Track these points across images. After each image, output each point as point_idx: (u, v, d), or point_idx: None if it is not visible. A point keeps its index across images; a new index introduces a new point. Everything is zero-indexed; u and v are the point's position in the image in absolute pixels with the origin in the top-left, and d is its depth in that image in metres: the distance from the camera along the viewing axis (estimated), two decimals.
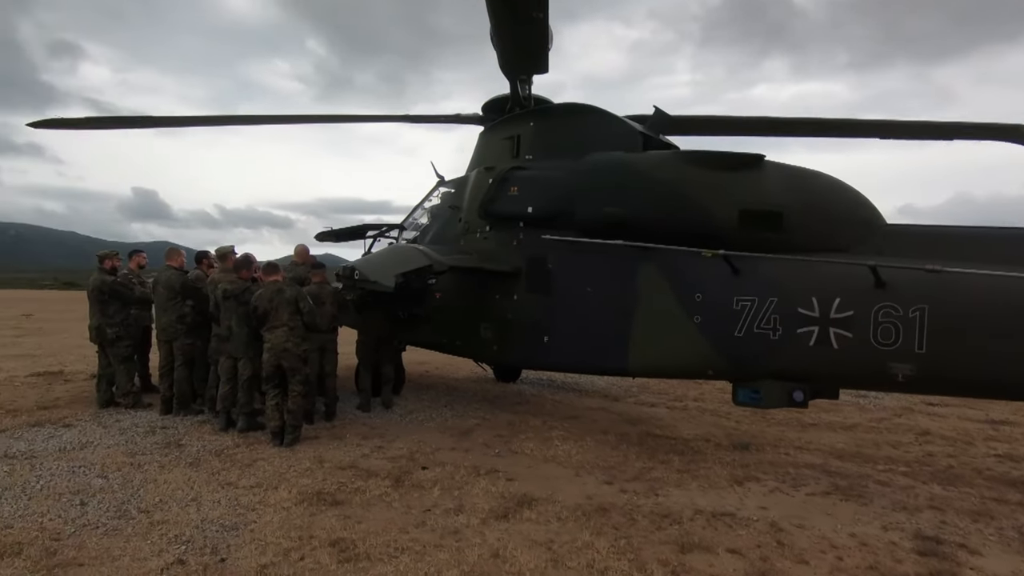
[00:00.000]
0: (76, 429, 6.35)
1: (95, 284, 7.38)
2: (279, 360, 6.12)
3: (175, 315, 7.05)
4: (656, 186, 5.95)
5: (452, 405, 8.25)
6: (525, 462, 5.78)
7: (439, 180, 9.53)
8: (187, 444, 5.93)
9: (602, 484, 5.17)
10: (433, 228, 8.96)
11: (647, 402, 9.02)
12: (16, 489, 4.53)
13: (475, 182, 7.95)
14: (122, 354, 7.41)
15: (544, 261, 6.96)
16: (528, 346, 7.05)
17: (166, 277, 7.08)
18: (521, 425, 7.22)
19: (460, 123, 8.71)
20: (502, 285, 7.25)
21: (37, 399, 7.86)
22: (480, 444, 6.37)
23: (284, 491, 4.74)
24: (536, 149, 7.38)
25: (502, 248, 7.37)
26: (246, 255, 6.91)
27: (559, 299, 6.77)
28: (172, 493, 4.60)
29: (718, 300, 5.55)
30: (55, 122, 8.75)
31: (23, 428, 6.34)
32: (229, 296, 6.47)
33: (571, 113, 7.13)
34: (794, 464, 5.86)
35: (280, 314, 6.13)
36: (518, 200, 7.08)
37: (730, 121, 7.04)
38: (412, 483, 5.04)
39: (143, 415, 7.05)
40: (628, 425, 7.42)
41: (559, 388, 10.07)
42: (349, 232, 10.25)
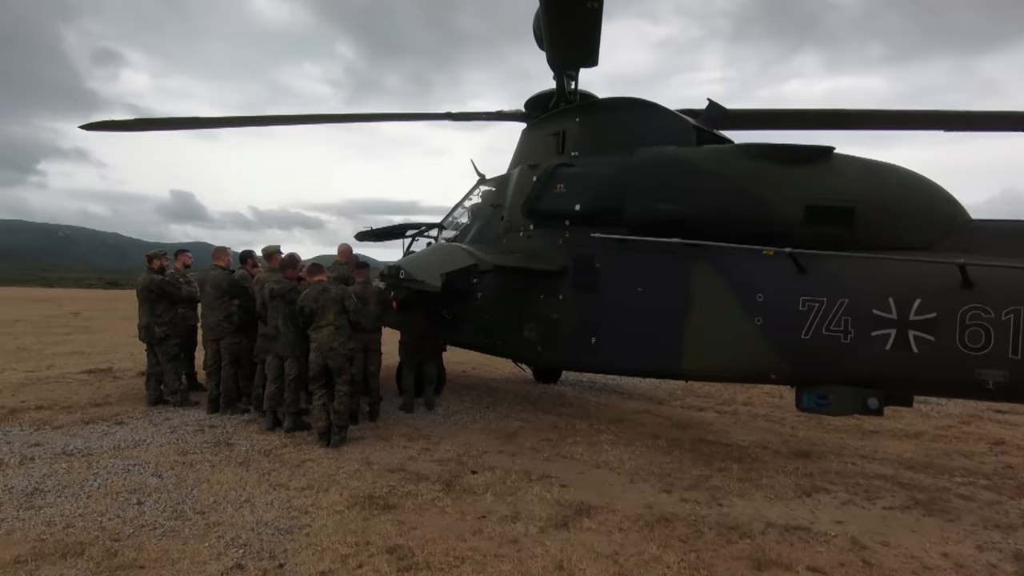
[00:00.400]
0: (128, 427, 6.43)
1: (144, 283, 7.49)
2: (326, 360, 6.08)
3: (222, 314, 7.09)
4: (714, 181, 5.69)
5: (494, 406, 8.12)
6: (576, 467, 5.61)
7: (480, 178, 9.41)
8: (236, 443, 5.93)
9: (660, 492, 4.96)
10: (474, 227, 8.84)
11: (694, 406, 8.73)
12: (75, 487, 4.56)
13: (518, 180, 7.79)
14: (170, 352, 7.50)
15: (591, 260, 6.76)
16: (574, 347, 6.87)
17: (214, 276, 7.13)
18: (567, 428, 7.04)
19: (503, 120, 8.57)
20: (547, 285, 7.08)
21: (89, 396, 8.02)
22: (527, 448, 6.22)
23: (335, 494, 4.67)
24: (582, 145, 7.18)
25: (547, 247, 7.19)
26: (292, 254, 6.89)
27: (608, 299, 6.57)
28: (225, 494, 4.57)
29: (782, 301, 5.28)
30: (105, 124, 8.92)
31: (78, 425, 6.44)
32: (276, 295, 6.46)
33: (620, 107, 6.90)
34: (863, 474, 5.53)
35: (326, 313, 6.09)
36: (564, 198, 6.90)
37: (791, 115, 6.73)
38: (463, 488, 4.92)
39: (191, 413, 7.11)
40: (678, 430, 7.16)
41: (601, 390, 9.84)
42: (388, 231, 10.22)
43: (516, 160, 8.32)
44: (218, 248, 7.34)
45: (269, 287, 6.49)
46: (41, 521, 3.96)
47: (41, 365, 10.88)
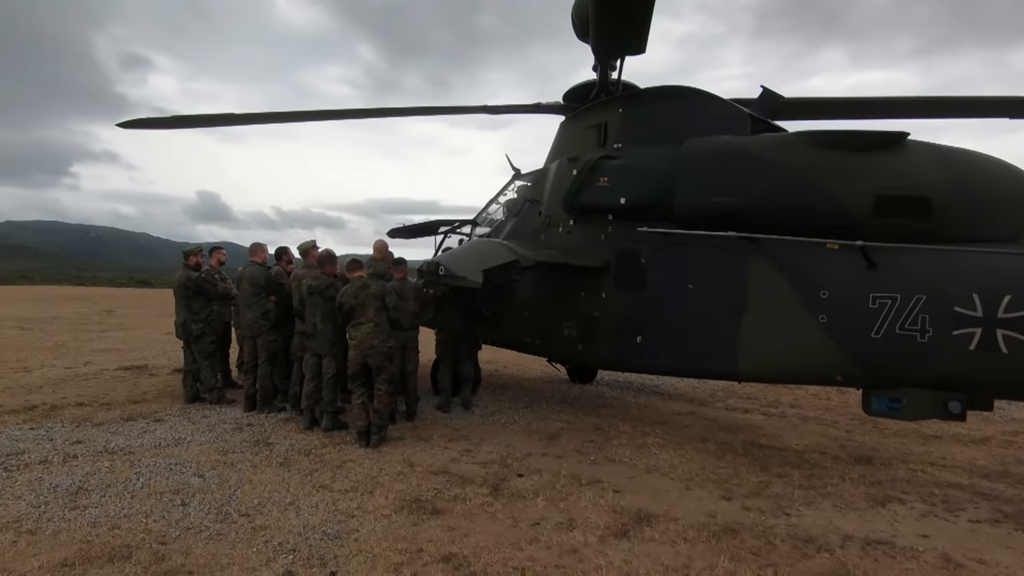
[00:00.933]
0: (167, 424, 6.36)
1: (181, 280, 7.45)
2: (365, 358, 5.93)
3: (259, 311, 7.00)
4: (774, 172, 5.39)
5: (532, 407, 7.91)
6: (626, 471, 5.36)
7: (515, 173, 9.21)
8: (275, 443, 5.81)
9: (719, 500, 4.69)
10: (510, 223, 8.63)
11: (738, 407, 8.41)
12: (119, 486, 4.47)
13: (557, 174, 7.57)
14: (206, 350, 7.45)
15: (636, 255, 6.50)
16: (618, 346, 6.62)
17: (250, 273, 7.04)
18: (610, 430, 6.80)
19: (540, 112, 8.34)
20: (588, 281, 6.84)
21: (127, 393, 8.02)
22: (571, 450, 5.99)
23: (380, 497, 4.50)
24: (626, 136, 6.92)
25: (588, 242, 6.95)
26: (329, 250, 6.76)
27: (654, 296, 6.30)
28: (269, 495, 4.44)
29: (850, 297, 4.95)
30: (140, 122, 8.91)
31: (118, 422, 6.40)
32: (314, 292, 6.34)
33: (667, 96, 6.62)
34: (936, 483, 5.19)
35: (366, 310, 5.94)
36: (608, 191, 6.65)
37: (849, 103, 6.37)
38: (511, 492, 4.71)
39: (228, 411, 7.03)
40: (726, 433, 6.87)
41: (639, 391, 9.57)
42: (421, 228, 10.08)
43: (554, 154, 8.09)
44: (254, 244, 7.25)
45: (307, 283, 6.37)
46: (87, 522, 3.86)
47: (79, 361, 10.98)
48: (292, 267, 7.66)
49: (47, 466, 4.85)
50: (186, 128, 9.12)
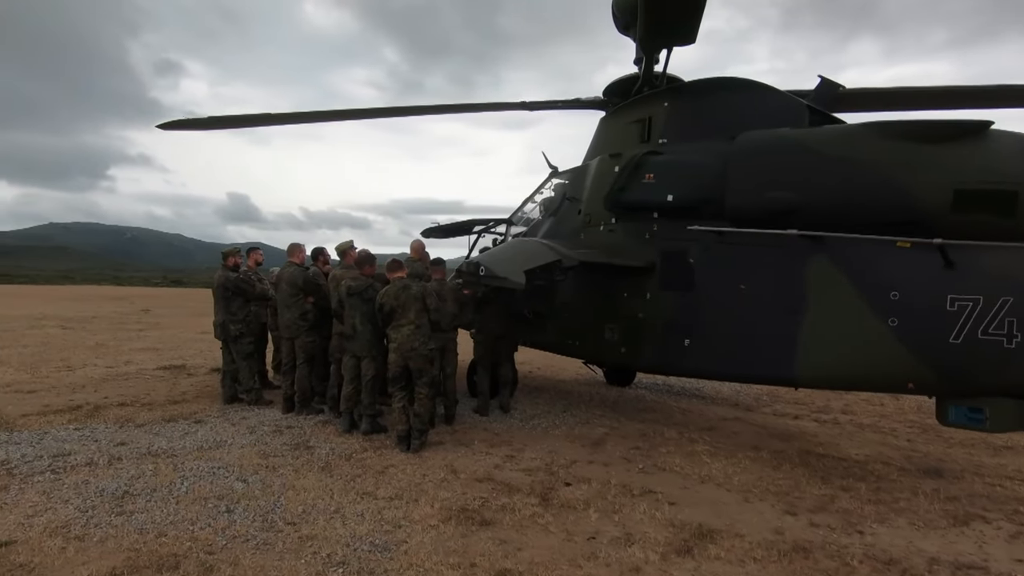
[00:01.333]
0: (207, 426, 6.33)
1: (220, 281, 7.43)
2: (406, 360, 5.79)
3: (297, 312, 6.93)
4: (838, 165, 5.07)
5: (571, 410, 7.70)
6: (678, 481, 5.11)
7: (552, 171, 9.00)
8: (316, 446, 5.72)
9: (783, 514, 4.42)
10: (547, 222, 8.43)
11: (787, 413, 8.06)
12: (163, 490, 4.41)
13: (598, 171, 7.34)
14: (245, 350, 7.43)
15: (684, 255, 6.23)
16: (664, 349, 6.36)
17: (289, 273, 6.98)
18: (656, 436, 6.54)
19: (580, 108, 8.12)
20: (631, 282, 6.60)
21: (167, 393, 8.06)
22: (618, 457, 5.76)
23: (426, 505, 4.35)
24: (672, 131, 6.65)
25: (631, 241, 6.71)
26: (367, 251, 6.65)
27: (704, 298, 6.02)
28: (313, 502, 4.32)
29: (925, 299, 4.62)
30: (180, 123, 8.97)
31: (159, 423, 6.40)
32: (353, 293, 6.23)
33: (717, 89, 6.32)
34: (1019, 499, 4.82)
35: (407, 312, 5.80)
36: (654, 188, 6.39)
37: (913, 93, 5.98)
38: (561, 502, 4.51)
39: (267, 413, 6.99)
40: (778, 441, 6.55)
41: (680, 394, 9.27)
42: (456, 228, 9.95)
43: (594, 150, 7.86)
44: (292, 244, 7.18)
45: (346, 284, 6.27)
46: (133, 528, 3.79)
47: (119, 361, 11.15)
48: (328, 268, 7.61)
49: (93, 468, 4.83)
50: (223, 129, 9.14)
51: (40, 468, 4.80)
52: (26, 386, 8.29)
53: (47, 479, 4.58)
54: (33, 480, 4.54)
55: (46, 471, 4.74)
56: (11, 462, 4.93)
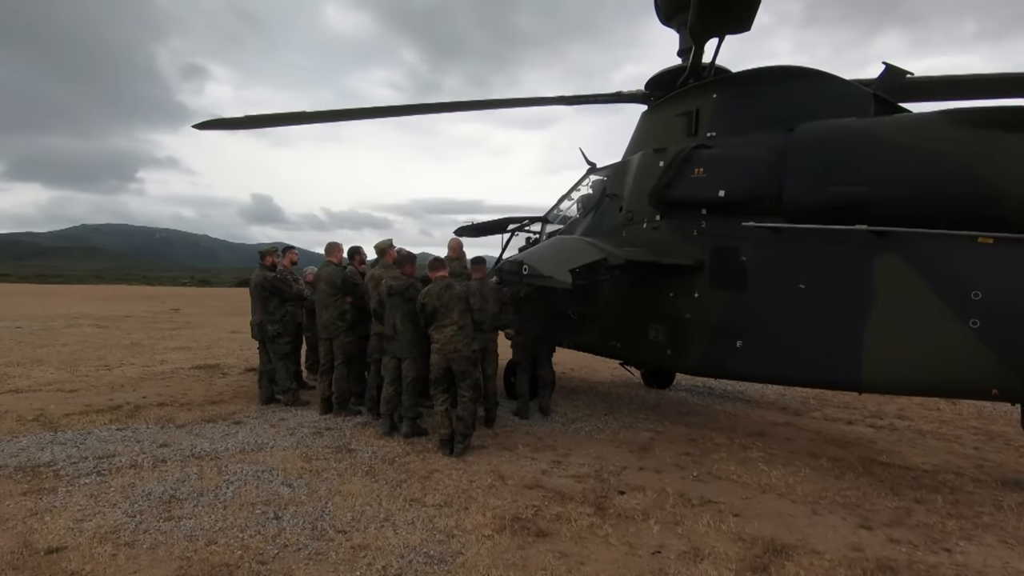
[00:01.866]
0: (247, 427, 6.26)
1: (257, 280, 7.37)
2: (449, 362, 5.64)
3: (336, 312, 6.82)
4: (909, 156, 4.76)
5: (613, 413, 7.47)
6: (737, 491, 4.86)
7: (589, 167, 8.78)
8: (357, 449, 5.60)
9: (858, 528, 4.14)
10: (585, 219, 8.22)
11: (839, 418, 7.71)
12: (210, 495, 4.31)
13: (640, 166, 7.09)
14: (282, 351, 7.36)
15: (736, 253, 5.96)
16: (713, 351, 6.10)
17: (327, 273, 6.88)
18: (705, 442, 6.29)
19: (620, 101, 7.89)
20: (678, 281, 6.36)
21: (204, 393, 8.04)
22: (669, 464, 5.53)
23: (477, 513, 4.17)
24: (721, 124, 6.38)
25: (677, 239, 6.46)
26: (407, 250, 6.51)
27: (758, 297, 5.75)
28: (362, 509, 4.18)
29: (1011, 300, 4.30)
30: (216, 123, 8.95)
31: (199, 424, 6.35)
32: (394, 292, 6.10)
33: (773, 78, 6.03)
34: None
35: (450, 312, 5.64)
36: (704, 183, 6.13)
37: (985, 81, 5.62)
38: (618, 512, 4.30)
39: (305, 414, 6.90)
40: (836, 447, 6.24)
41: (723, 397, 8.97)
42: (490, 226, 9.77)
43: (635, 145, 7.62)
44: (331, 243, 7.08)
45: (387, 284, 6.14)
46: (183, 535, 3.68)
47: (154, 360, 11.24)
48: (364, 267, 7.51)
49: (138, 471, 4.76)
50: (257, 128, 9.09)
51: (86, 470, 4.75)
52: (67, 385, 8.35)
53: (93, 481, 4.52)
54: (79, 482, 4.49)
55: (92, 473, 4.69)
56: (57, 463, 4.90)
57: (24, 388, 8.07)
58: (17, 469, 4.73)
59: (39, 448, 5.30)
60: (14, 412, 6.63)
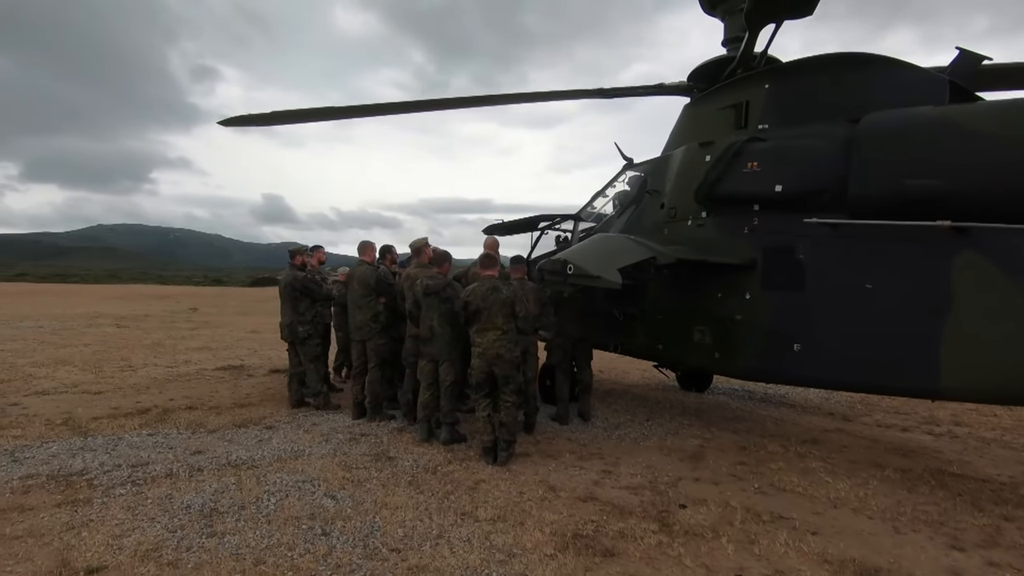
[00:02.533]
0: (280, 433, 6.04)
1: (287, 280, 7.17)
2: (491, 366, 5.37)
3: (370, 313, 6.58)
4: (994, 146, 4.42)
5: (655, 418, 7.17)
6: (806, 505, 4.55)
7: (626, 163, 8.48)
8: (397, 457, 5.35)
9: (949, 549, 3.82)
10: (623, 216, 7.91)
11: (892, 424, 7.36)
12: (252, 508, 4.08)
13: (685, 161, 6.79)
14: (312, 353, 7.14)
15: (792, 251, 5.65)
16: (767, 354, 5.78)
17: (361, 273, 6.64)
18: (757, 450, 5.98)
19: (662, 94, 7.58)
20: (727, 280, 6.05)
21: (231, 395, 7.85)
22: (726, 475, 5.22)
23: (535, 530, 3.91)
24: (774, 115, 6.06)
25: (725, 236, 6.16)
26: (443, 249, 6.26)
27: (819, 298, 5.42)
28: (412, 525, 3.93)
29: None
30: (242, 119, 8.74)
31: (231, 429, 6.14)
32: (431, 292, 5.85)
33: (835, 66, 5.68)
34: None
35: (494, 316, 5.37)
36: (758, 178, 5.82)
37: None
38: (684, 528, 4.01)
39: (338, 418, 6.68)
40: (899, 457, 5.90)
41: (764, 401, 8.64)
42: (520, 224, 9.49)
43: (677, 139, 7.31)
44: (363, 242, 6.84)
45: (423, 283, 5.89)
46: (228, 553, 3.45)
47: (177, 360, 11.10)
48: (395, 266, 7.28)
49: (174, 480, 4.55)
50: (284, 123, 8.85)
51: (120, 479, 4.54)
52: (92, 387, 8.20)
53: (129, 492, 4.30)
54: (115, 493, 4.28)
55: (126, 482, 4.48)
56: (90, 472, 4.69)
57: (50, 390, 7.93)
58: (50, 478, 4.54)
59: (70, 455, 5.11)
60: (42, 416, 6.47)
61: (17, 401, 7.21)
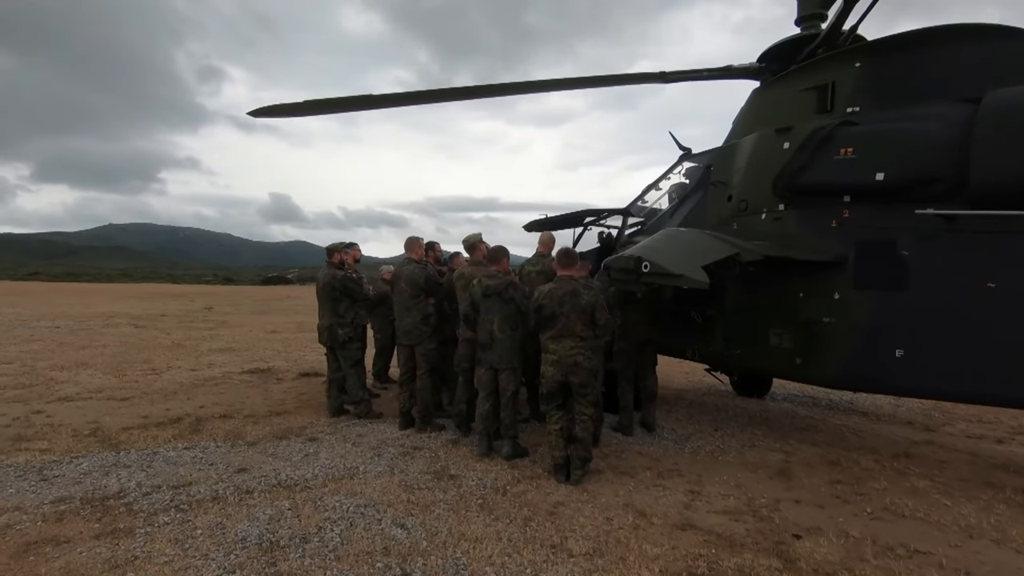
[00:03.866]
0: (326, 446, 5.55)
1: (326, 280, 6.68)
2: (567, 375, 4.84)
3: (419, 316, 6.07)
4: None
5: (723, 429, 6.63)
6: (935, 535, 3.99)
7: (683, 153, 7.93)
8: (459, 476, 4.84)
9: None
10: (682, 210, 7.38)
11: (982, 435, 6.78)
12: (315, 540, 3.58)
13: (758, 149, 6.24)
14: (353, 357, 6.66)
15: (892, 246, 5.09)
16: (863, 362, 5.22)
17: (409, 272, 6.12)
18: (849, 465, 5.43)
19: (729, 77, 7.02)
20: (811, 279, 5.50)
21: (263, 402, 7.38)
22: (826, 495, 4.68)
23: (641, 567, 3.39)
24: (867, 97, 5.50)
25: (808, 230, 5.62)
26: (501, 245, 5.74)
27: (927, 299, 4.87)
28: (501, 561, 3.42)
29: None
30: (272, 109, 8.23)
31: (271, 441, 5.66)
32: (491, 293, 5.34)
33: (944, 40, 5.12)
34: None
35: (571, 323, 4.81)
36: (854, 166, 5.25)
37: None
38: (812, 567, 3.47)
39: (384, 429, 6.19)
40: (1014, 475, 5.33)
41: (831, 408, 8.07)
42: (565, 220, 8.97)
43: (746, 126, 6.76)
44: (411, 238, 6.31)
45: (483, 283, 5.37)
46: None
47: (201, 363, 10.66)
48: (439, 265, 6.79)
49: (222, 506, 4.06)
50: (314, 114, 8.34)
51: (162, 504, 4.06)
52: (117, 392, 7.76)
53: (174, 520, 3.82)
54: (158, 521, 3.79)
55: (169, 508, 3.99)
56: (128, 494, 4.22)
57: (73, 396, 7.49)
58: (84, 501, 4.06)
59: (103, 472, 4.64)
60: (68, 426, 6.02)
61: (41, 408, 6.77)
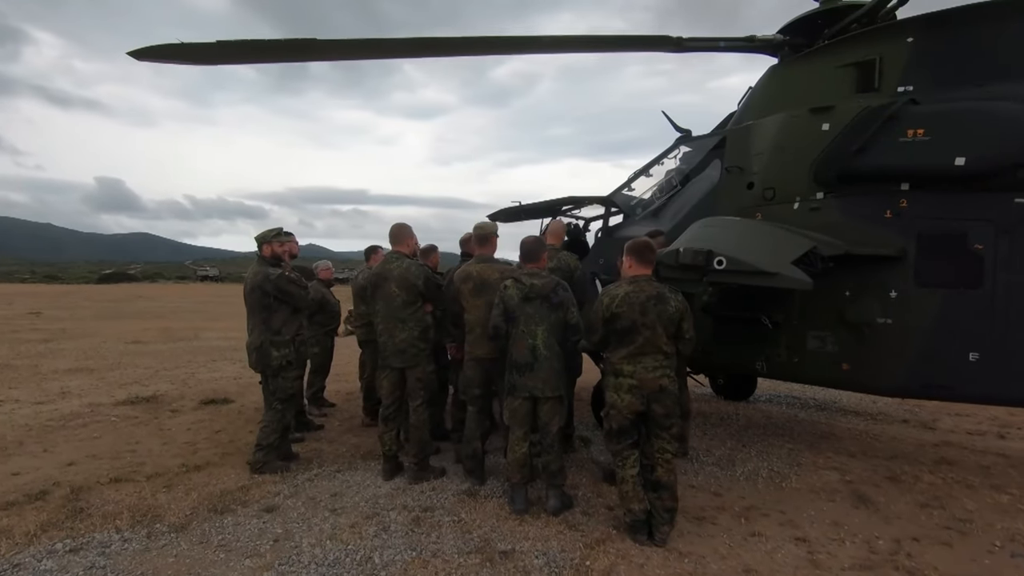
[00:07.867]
0: (298, 523, 3.88)
1: (257, 281, 4.86)
2: (649, 404, 3.69)
3: (416, 329, 4.53)
4: None
5: (750, 445, 5.91)
6: None
7: (680, 135, 7.13)
8: (512, 551, 3.50)
9: None
10: (689, 199, 6.55)
11: (978, 431, 6.75)
12: None
13: (785, 131, 5.57)
14: (285, 391, 4.86)
15: (963, 239, 4.61)
16: (928, 367, 4.70)
17: (401, 271, 4.54)
18: (910, 481, 4.93)
19: (749, 51, 6.28)
20: (862, 276, 4.92)
21: (166, 451, 5.38)
22: (931, 526, 4.04)
23: None
24: (924, 74, 5.01)
25: (855, 221, 5.02)
26: (537, 238, 4.43)
27: (1008, 297, 4.44)
28: None
29: None
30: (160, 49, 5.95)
31: (206, 517, 3.86)
32: (534, 297, 4.04)
33: (1017, 11, 4.71)
34: None
35: (656, 336, 3.67)
36: (925, 149, 4.69)
37: None
38: None
39: (360, 480, 4.60)
40: None
41: (823, 409, 7.77)
42: (540, 209, 7.79)
43: (764, 106, 6.06)
44: (398, 226, 4.69)
45: (525, 284, 4.05)
46: None
47: (49, 392, 7.97)
48: None
49: None
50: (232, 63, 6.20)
51: None
52: None
53: None
54: None
55: None
56: None
57: None
58: None
59: None
60: None
61: None
